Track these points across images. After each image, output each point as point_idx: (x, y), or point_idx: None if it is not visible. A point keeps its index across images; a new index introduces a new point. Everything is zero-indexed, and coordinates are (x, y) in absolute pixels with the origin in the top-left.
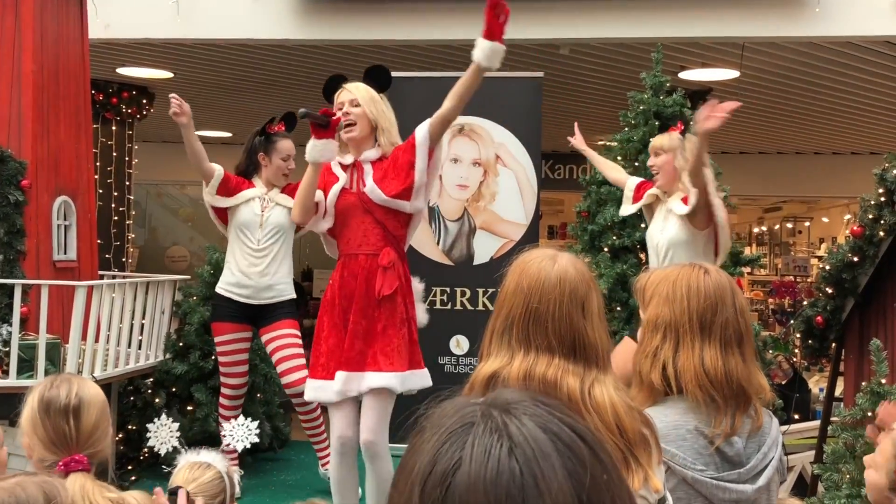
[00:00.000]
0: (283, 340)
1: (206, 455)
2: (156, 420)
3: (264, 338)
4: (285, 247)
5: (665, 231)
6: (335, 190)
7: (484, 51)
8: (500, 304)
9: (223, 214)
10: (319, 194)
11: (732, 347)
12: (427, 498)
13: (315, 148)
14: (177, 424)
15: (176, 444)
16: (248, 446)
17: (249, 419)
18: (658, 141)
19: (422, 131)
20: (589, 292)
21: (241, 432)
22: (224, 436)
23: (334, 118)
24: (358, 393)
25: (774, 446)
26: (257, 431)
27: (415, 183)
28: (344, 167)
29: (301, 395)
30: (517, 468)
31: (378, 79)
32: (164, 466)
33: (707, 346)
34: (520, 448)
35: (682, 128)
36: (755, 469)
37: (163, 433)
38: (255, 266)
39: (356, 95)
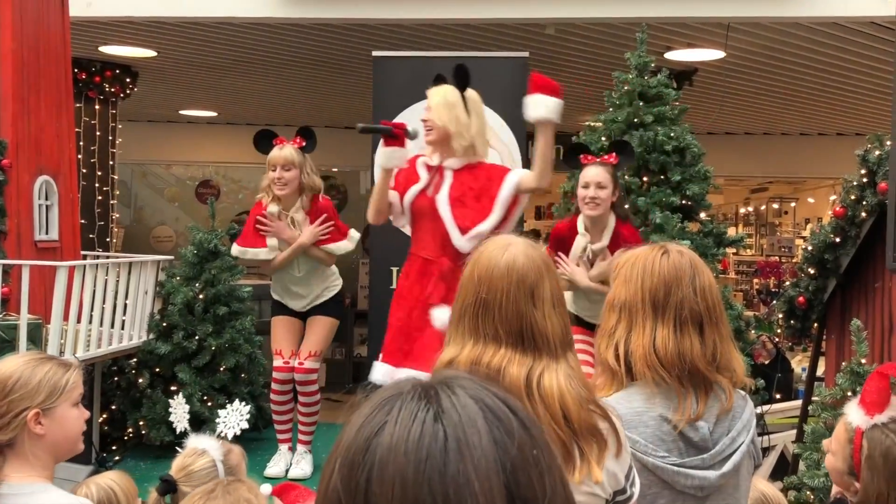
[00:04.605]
0: None
1: (205, 441)
2: (175, 397)
3: None
4: None
5: None
6: (414, 190)
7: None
8: (457, 293)
9: None
10: (394, 195)
11: (688, 328)
12: (349, 462)
13: (384, 154)
14: (187, 407)
15: (187, 425)
16: (239, 433)
17: (242, 403)
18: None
19: (509, 186)
20: (540, 279)
21: (233, 418)
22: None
23: (396, 128)
24: None
25: (745, 430)
26: (248, 417)
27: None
28: (429, 168)
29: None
30: (441, 431)
31: (458, 78)
32: (177, 449)
33: (660, 326)
34: (447, 413)
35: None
36: (721, 454)
37: (179, 411)
38: None
39: (430, 102)
